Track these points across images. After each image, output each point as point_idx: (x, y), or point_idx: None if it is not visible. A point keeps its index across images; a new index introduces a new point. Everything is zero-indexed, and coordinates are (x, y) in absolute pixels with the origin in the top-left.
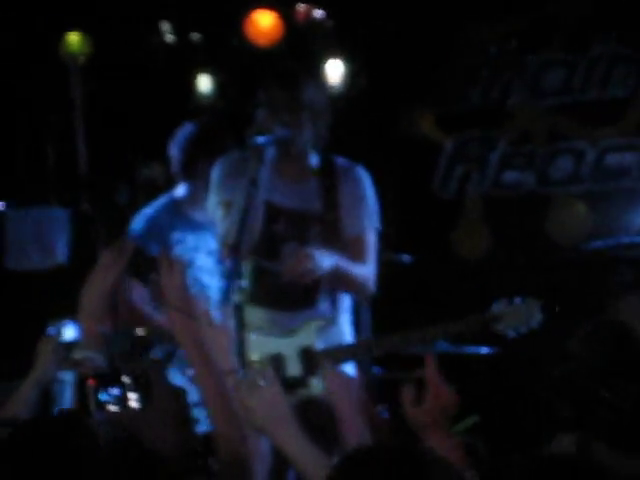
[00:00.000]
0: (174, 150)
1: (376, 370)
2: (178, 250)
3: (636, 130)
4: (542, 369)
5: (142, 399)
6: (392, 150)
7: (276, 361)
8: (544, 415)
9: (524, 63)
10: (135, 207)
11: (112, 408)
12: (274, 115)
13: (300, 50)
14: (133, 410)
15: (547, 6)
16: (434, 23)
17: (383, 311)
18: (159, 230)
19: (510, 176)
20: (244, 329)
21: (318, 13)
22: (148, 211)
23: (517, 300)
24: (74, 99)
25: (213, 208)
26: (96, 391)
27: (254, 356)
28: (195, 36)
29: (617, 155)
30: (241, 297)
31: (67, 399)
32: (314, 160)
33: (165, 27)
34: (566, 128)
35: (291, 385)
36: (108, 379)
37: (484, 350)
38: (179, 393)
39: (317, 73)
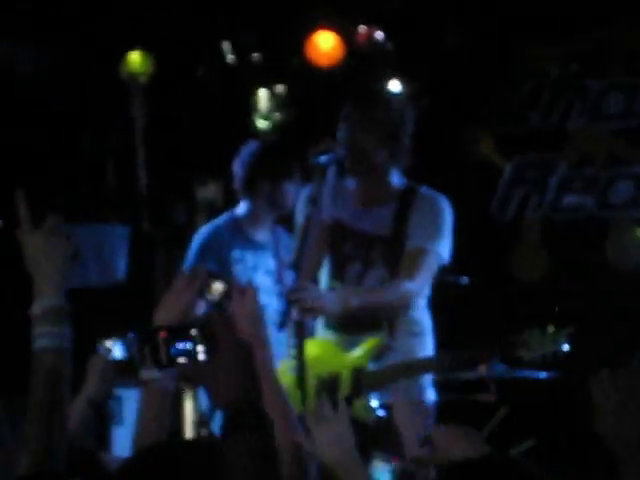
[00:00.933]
0: (237, 167)
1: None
2: (238, 269)
3: None
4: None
5: (208, 350)
6: (451, 172)
7: (333, 382)
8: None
9: (585, 86)
10: (193, 227)
11: (181, 360)
12: (348, 135)
13: (361, 71)
14: (201, 362)
15: (608, 29)
16: (495, 45)
17: (439, 333)
18: (218, 248)
19: (569, 200)
20: (304, 346)
21: (379, 35)
22: (208, 228)
23: (548, 328)
24: (135, 118)
25: None
26: (167, 343)
27: (314, 374)
28: (255, 56)
29: None
30: (302, 315)
31: (129, 415)
32: (398, 185)
33: (226, 47)
34: (626, 152)
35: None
36: (179, 331)
37: (542, 375)
38: (245, 345)
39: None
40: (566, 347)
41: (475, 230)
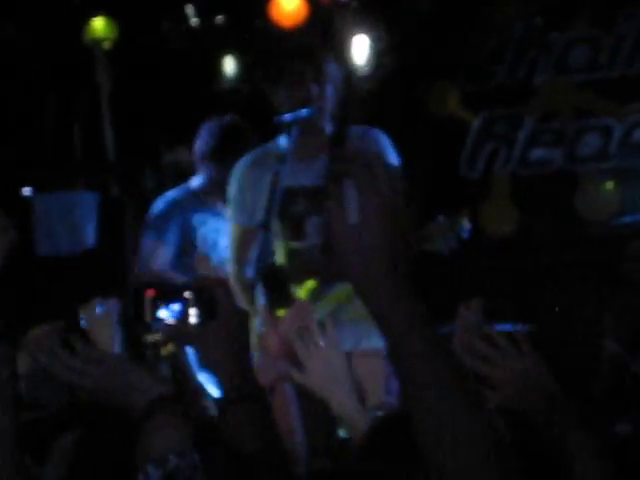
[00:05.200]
0: (204, 136)
1: None
2: (202, 232)
3: None
4: (573, 346)
5: (202, 316)
6: (419, 129)
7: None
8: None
9: (549, 40)
10: (161, 191)
11: (170, 321)
12: (299, 90)
13: (325, 31)
14: (191, 326)
15: None
16: (460, 1)
17: None
18: (180, 211)
19: (537, 154)
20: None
21: None
22: (165, 198)
23: (441, 219)
24: (100, 84)
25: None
26: (154, 302)
27: None
28: (219, 19)
29: None
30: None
31: None
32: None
33: (189, 10)
34: (593, 105)
35: None
36: (169, 292)
37: (515, 327)
38: (244, 317)
39: (343, 54)
40: (467, 226)
41: (444, 186)
